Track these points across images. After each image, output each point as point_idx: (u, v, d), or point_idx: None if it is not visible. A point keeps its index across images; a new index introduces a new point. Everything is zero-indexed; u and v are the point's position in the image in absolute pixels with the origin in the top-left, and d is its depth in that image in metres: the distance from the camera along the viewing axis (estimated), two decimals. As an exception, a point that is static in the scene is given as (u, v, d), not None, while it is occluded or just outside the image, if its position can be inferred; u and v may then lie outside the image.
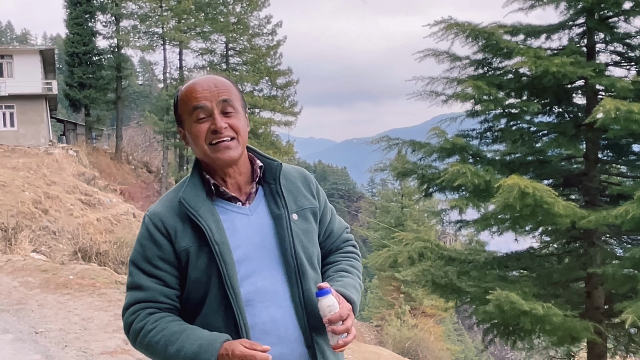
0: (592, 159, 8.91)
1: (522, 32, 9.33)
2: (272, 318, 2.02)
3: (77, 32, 43.56)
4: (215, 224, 2.01)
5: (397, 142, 9.89)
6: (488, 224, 9.12)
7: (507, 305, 7.26)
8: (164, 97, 43.56)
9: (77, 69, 43.53)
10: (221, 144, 1.99)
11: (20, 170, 28.02)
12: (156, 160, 51.65)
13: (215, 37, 45.54)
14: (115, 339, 6.85)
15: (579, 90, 9.20)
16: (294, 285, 2.05)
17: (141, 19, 44.82)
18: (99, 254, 13.82)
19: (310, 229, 2.16)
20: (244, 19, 44.99)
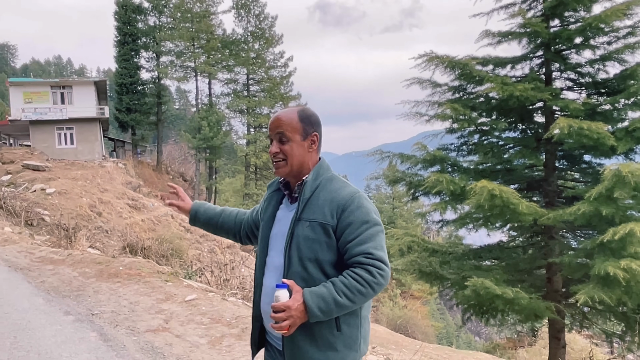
0: (550, 167, 8.87)
1: (491, 63, 9.31)
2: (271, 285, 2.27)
3: (124, 67, 43.80)
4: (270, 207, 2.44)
5: (388, 154, 9.86)
6: (464, 222, 9.09)
7: (482, 290, 7.24)
8: (196, 119, 43.71)
9: (125, 96, 43.77)
10: (275, 164, 2.31)
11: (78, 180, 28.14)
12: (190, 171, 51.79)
13: (238, 69, 45.75)
14: (157, 319, 6.84)
15: (539, 111, 9.15)
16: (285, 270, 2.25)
17: (177, 55, 45.05)
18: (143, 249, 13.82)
19: (315, 239, 2.23)
20: (262, 54, 45.18)
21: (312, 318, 2.14)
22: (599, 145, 7.67)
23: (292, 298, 2.11)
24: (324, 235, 2.22)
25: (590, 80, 9.00)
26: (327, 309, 2.14)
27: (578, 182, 9.28)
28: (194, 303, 7.56)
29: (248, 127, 44.98)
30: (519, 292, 7.26)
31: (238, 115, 46.22)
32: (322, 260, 2.22)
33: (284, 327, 2.10)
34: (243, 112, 45.24)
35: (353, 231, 2.21)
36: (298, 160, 2.29)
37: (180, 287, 8.57)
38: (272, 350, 2.39)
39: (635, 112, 8.39)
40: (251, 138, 43.34)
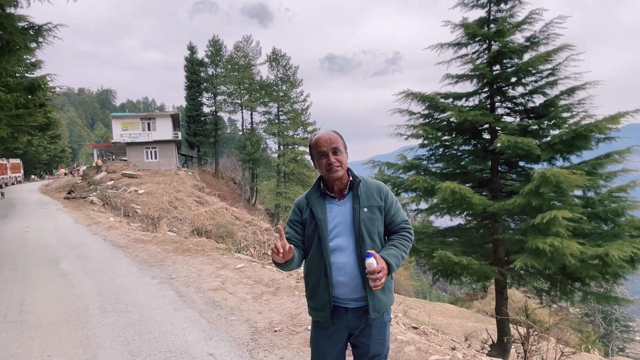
0: (495, 170, 8.77)
1: (451, 96, 9.23)
2: (343, 262, 2.31)
3: (192, 104, 44.15)
4: (321, 209, 2.34)
5: (378, 163, 9.82)
6: (433, 211, 9.00)
7: (446, 259, 7.18)
8: (242, 140, 43.91)
9: (192, 125, 44.07)
10: (332, 170, 2.31)
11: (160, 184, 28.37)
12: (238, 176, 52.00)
13: (271, 104, 45.86)
14: (216, 282, 6.88)
15: (486, 130, 9.05)
16: (357, 246, 2.30)
17: (228, 95, 45.30)
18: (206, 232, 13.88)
19: (374, 218, 2.36)
20: (288, 93, 45.24)
21: (392, 271, 2.30)
22: (529, 154, 7.57)
23: (380, 261, 2.21)
24: (379, 214, 2.38)
25: (523, 108, 8.89)
26: (399, 263, 2.32)
27: (515, 181, 9.16)
28: (242, 270, 7.60)
29: (279, 145, 45.16)
30: (472, 260, 7.19)
31: (271, 136, 46.41)
32: (381, 232, 2.38)
33: (383, 282, 2.22)
34: (275, 134, 45.39)
35: (393, 207, 2.43)
36: (346, 166, 2.38)
37: (232, 258, 8.62)
38: (339, 311, 2.37)
39: (555, 130, 8.27)
40: (281, 152, 43.51)
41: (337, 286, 2.33)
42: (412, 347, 4.34)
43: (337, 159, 2.32)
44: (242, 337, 4.61)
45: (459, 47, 9.02)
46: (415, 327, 5.73)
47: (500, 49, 8.42)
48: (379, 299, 2.35)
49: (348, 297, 2.34)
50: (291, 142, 43.48)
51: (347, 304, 2.36)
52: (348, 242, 2.32)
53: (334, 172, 2.32)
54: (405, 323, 5.81)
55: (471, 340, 8.76)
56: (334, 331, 2.38)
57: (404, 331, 5.17)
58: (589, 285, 8.71)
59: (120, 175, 30.16)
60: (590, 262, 6.95)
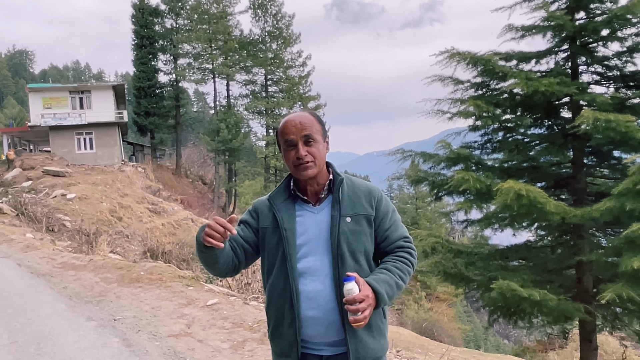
0: (578, 164, 8.77)
1: (515, 58, 9.24)
2: (315, 289, 2.29)
3: (142, 70, 44.27)
4: (288, 216, 2.35)
5: (410, 153, 9.83)
6: (490, 222, 9.03)
7: (509, 293, 7.19)
8: (214, 121, 44.00)
9: (143, 100, 44.25)
10: (301, 166, 2.29)
11: (98, 185, 28.52)
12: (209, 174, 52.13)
13: (256, 70, 45.92)
14: (179, 324, 6.92)
15: (565, 106, 9.07)
16: (335, 269, 2.28)
17: (195, 57, 45.37)
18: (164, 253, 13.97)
19: (360, 231, 2.35)
20: (280, 54, 45.26)
21: (382, 303, 2.27)
22: (627, 139, 7.56)
23: (364, 288, 2.18)
24: (367, 227, 2.37)
25: (618, 74, 8.90)
26: (392, 292, 2.31)
27: (608, 179, 9.16)
28: (215, 307, 7.64)
29: (267, 129, 45.13)
30: (547, 293, 7.20)
31: (257, 116, 46.44)
32: (369, 250, 2.37)
33: (367, 316, 2.17)
34: (262, 114, 45.44)
35: (388, 218, 2.42)
36: (323, 161, 2.39)
37: (201, 291, 8.66)
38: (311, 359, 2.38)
39: (665, 104, 8.28)
40: (270, 140, 43.43)
41: (307, 324, 2.31)
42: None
43: (310, 152, 2.30)
44: (216, 403, 4.63)
45: (525, -14, 9.04)
46: (464, 389, 5.75)
47: (586, -12, 8.44)
48: (365, 344, 2.32)
49: (322, 339, 2.33)
50: (285, 124, 43.66)
51: (320, 350, 2.35)
52: (322, 262, 2.32)
53: (303, 170, 2.31)
54: (449, 383, 5.83)
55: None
56: None
57: (448, 395, 5.19)
58: None
59: (41, 172, 30.34)
60: None
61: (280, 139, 2.36)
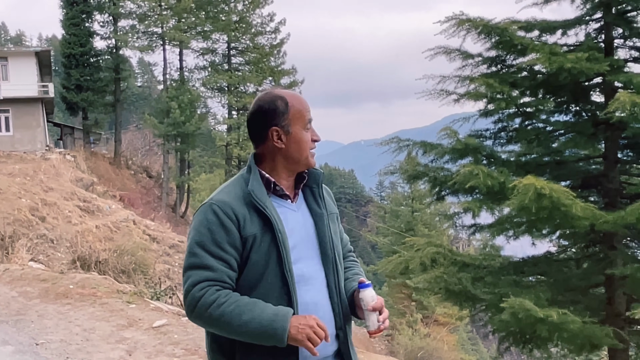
0: (611, 159, 8.92)
1: (537, 27, 9.34)
2: (314, 300, 2.39)
3: (73, 33, 43.65)
4: (277, 216, 2.37)
5: (408, 143, 9.90)
6: (503, 228, 9.15)
7: (522, 313, 7.28)
8: (164, 99, 43.57)
9: (74, 70, 43.63)
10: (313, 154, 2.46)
11: (16, 177, 28.12)
12: (156, 165, 51.79)
13: (217, 36, 45.63)
14: (119, 350, 6.88)
15: (597, 88, 9.21)
16: (331, 274, 2.45)
17: (140, 19, 44.90)
18: (98, 263, 13.83)
19: (337, 231, 2.57)
20: (246, 17, 45.05)
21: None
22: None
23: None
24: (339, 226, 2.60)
25: (662, 50, 9.07)
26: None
27: (646, 178, 9.35)
28: (163, 330, 7.60)
29: (229, 110, 44.97)
30: (567, 314, 7.30)
31: (217, 94, 46.19)
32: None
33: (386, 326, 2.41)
34: (223, 91, 45.20)
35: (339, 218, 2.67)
36: None
37: (146, 310, 8.61)
38: None
39: None
40: (233, 123, 43.30)
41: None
42: None
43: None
44: None
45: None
46: None
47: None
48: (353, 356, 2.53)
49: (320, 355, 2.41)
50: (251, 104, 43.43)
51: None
52: (315, 268, 2.45)
53: (312, 157, 2.48)
54: None
55: None
56: None
57: None
58: None
59: (-56, 159, 29.88)
60: None
61: (298, 115, 2.43)
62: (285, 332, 2.20)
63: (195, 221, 2.40)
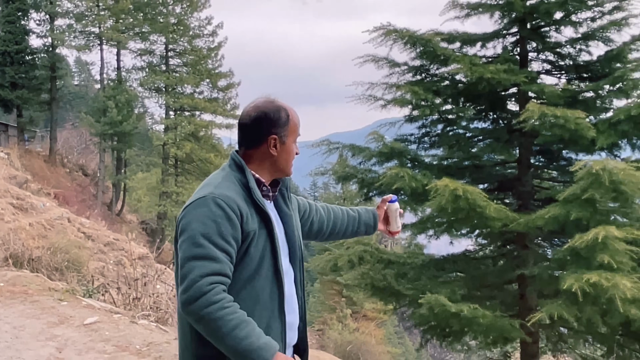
0: (524, 164, 9.23)
1: (458, 39, 9.59)
2: (290, 293, 2.61)
3: (8, 30, 42.27)
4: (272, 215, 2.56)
5: (337, 146, 10.00)
6: (425, 227, 9.34)
7: (438, 308, 7.49)
8: (101, 98, 42.62)
9: (9, 68, 42.21)
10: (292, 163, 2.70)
11: (-54, 174, 27.10)
12: (92, 163, 50.53)
13: (155, 37, 44.88)
14: (49, 347, 6.76)
15: (512, 97, 9.51)
16: (298, 270, 2.67)
17: (77, 18, 43.82)
18: (31, 260, 13.45)
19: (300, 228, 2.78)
20: (184, 19, 44.51)
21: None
22: (577, 138, 8.03)
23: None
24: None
25: (571, 63, 9.43)
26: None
27: (556, 182, 9.70)
28: (95, 327, 7.50)
29: (167, 110, 44.28)
30: (478, 309, 7.53)
31: (154, 94, 45.42)
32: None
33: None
34: (160, 91, 44.49)
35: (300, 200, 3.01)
36: None
37: (77, 307, 8.47)
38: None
39: (620, 99, 8.84)
40: (170, 123, 42.67)
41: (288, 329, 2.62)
42: None
43: None
44: None
45: (472, -41, 9.40)
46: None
47: (539, -36, 8.87)
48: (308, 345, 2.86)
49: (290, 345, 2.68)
50: (189, 105, 42.91)
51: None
52: (287, 264, 2.65)
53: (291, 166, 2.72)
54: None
55: None
56: None
57: None
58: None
59: None
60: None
61: (294, 129, 2.64)
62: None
63: (195, 214, 2.43)
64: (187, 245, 2.39)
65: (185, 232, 2.43)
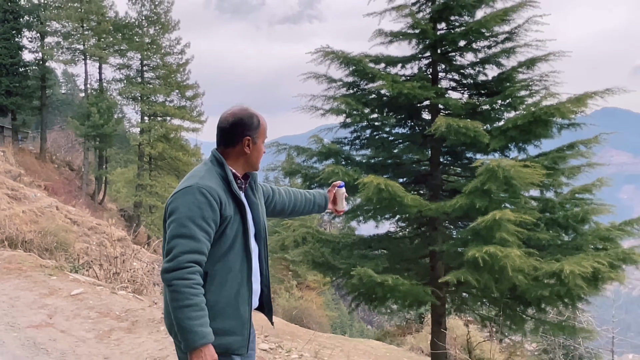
0: (435, 162, 9.44)
1: (383, 61, 9.72)
2: (256, 267, 2.72)
3: (4, 46, 40.70)
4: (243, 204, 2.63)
5: (285, 147, 10.04)
6: (355, 214, 9.45)
7: (366, 278, 7.64)
8: (85, 105, 41.69)
9: (5, 78, 40.68)
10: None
11: (-51, 168, 25.92)
12: (78, 160, 49.19)
13: (132, 54, 43.91)
14: (40, 315, 6.62)
15: (426, 109, 9.70)
16: (262, 248, 2.79)
17: (64, 37, 42.59)
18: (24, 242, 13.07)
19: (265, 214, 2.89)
20: (157, 40, 43.71)
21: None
22: (476, 142, 8.28)
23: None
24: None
25: (472, 82, 9.67)
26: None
27: (460, 176, 9.95)
28: (80, 297, 7.38)
29: (142, 115, 43.39)
30: (399, 278, 7.72)
31: (131, 102, 44.43)
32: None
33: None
34: (137, 100, 43.55)
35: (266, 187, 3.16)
36: None
37: (65, 281, 8.31)
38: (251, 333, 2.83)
39: (510, 112, 9.15)
40: (145, 127, 41.89)
41: (254, 295, 2.73)
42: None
43: None
44: (78, 391, 4.54)
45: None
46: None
47: (447, 1, 9.05)
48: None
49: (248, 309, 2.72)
50: (161, 111, 42.10)
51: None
52: (254, 243, 2.76)
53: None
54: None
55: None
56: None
57: (310, 375, 5.45)
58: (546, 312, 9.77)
59: None
60: (546, 281, 7.82)
61: (264, 133, 2.75)
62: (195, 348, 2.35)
63: (183, 199, 2.48)
64: (174, 225, 2.45)
65: (173, 214, 2.48)
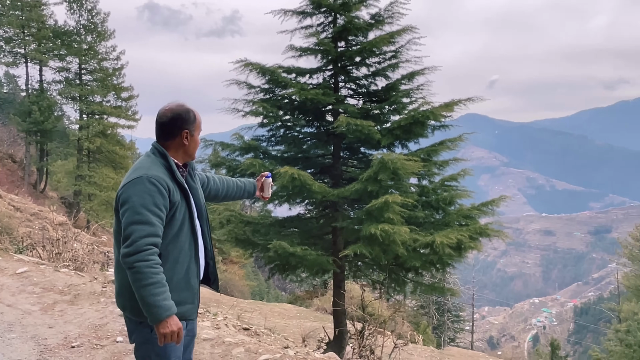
0: (336, 156, 9.64)
1: (294, 71, 9.76)
2: (201, 244, 2.67)
3: (-54, 48, 36.83)
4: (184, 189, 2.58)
5: (212, 142, 9.88)
6: (272, 199, 9.49)
7: (280, 250, 7.72)
8: (26, 103, 38.62)
9: (-54, 77, 36.79)
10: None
11: None
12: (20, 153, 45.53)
13: (70, 59, 41.04)
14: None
15: (329, 112, 9.86)
16: (205, 227, 2.72)
17: (6, 41, 39.08)
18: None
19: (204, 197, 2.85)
20: (94, 46, 41.15)
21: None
22: (369, 139, 8.56)
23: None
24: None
25: (366, 90, 9.93)
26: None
27: (356, 167, 10.24)
28: (25, 275, 6.91)
29: (81, 114, 40.80)
30: (307, 249, 7.89)
31: (70, 102, 41.61)
32: None
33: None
34: (75, 99, 40.84)
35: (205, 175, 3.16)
36: None
37: (10, 261, 7.73)
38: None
39: (395, 115, 9.53)
40: (84, 124, 39.37)
41: (200, 271, 2.71)
42: (241, 348, 4.66)
43: None
44: (25, 358, 4.29)
45: (303, 17, 9.57)
46: (246, 329, 6.09)
47: (345, 24, 9.24)
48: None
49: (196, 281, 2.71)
50: (99, 110, 39.74)
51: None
52: (198, 223, 2.70)
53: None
54: (235, 325, 6.11)
55: (309, 340, 9.61)
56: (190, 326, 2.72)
57: (234, 333, 5.47)
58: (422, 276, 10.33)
59: None
60: (422, 250, 8.29)
61: (199, 127, 2.69)
62: (161, 319, 2.27)
63: (134, 189, 2.36)
64: (129, 213, 2.34)
65: (127, 203, 2.37)
